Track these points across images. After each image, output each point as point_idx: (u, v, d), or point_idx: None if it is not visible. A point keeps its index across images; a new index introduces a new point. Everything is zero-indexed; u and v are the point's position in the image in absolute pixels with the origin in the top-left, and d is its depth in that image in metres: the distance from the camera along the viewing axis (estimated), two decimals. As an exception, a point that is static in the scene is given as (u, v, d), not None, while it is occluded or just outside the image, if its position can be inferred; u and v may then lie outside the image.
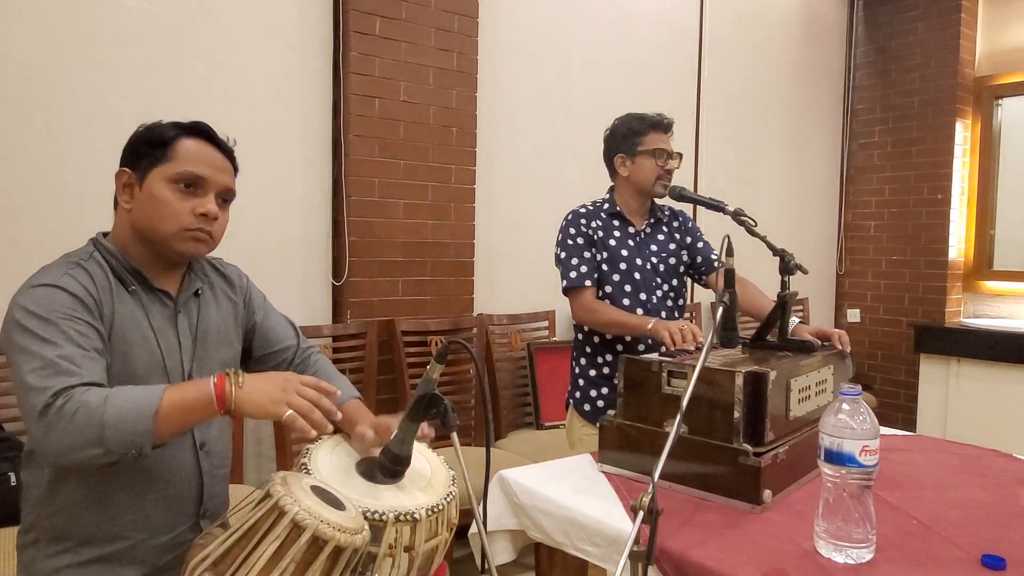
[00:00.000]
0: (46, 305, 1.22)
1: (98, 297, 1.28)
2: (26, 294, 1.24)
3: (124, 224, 1.36)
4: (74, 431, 1.13)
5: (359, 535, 1.12)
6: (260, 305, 1.59)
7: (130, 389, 1.20)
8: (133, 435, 1.15)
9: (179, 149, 1.32)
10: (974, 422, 4.31)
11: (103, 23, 2.54)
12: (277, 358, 1.59)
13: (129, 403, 1.16)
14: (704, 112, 4.40)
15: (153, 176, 1.32)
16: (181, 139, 1.33)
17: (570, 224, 2.30)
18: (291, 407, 1.17)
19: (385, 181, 3.11)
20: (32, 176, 2.44)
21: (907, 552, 1.30)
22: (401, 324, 3.14)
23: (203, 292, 1.46)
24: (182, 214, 1.32)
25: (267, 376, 1.24)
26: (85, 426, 1.13)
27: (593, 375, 2.33)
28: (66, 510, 1.30)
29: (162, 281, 1.39)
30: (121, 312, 1.31)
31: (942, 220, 4.80)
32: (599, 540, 1.48)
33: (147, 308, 1.35)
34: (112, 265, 1.34)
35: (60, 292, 1.24)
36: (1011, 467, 1.82)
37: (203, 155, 1.34)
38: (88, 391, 1.16)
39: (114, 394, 1.17)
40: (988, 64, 4.78)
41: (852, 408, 1.28)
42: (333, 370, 1.63)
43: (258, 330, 1.57)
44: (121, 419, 1.14)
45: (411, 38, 3.13)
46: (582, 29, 3.84)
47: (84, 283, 1.27)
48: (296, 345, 1.61)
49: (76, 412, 1.13)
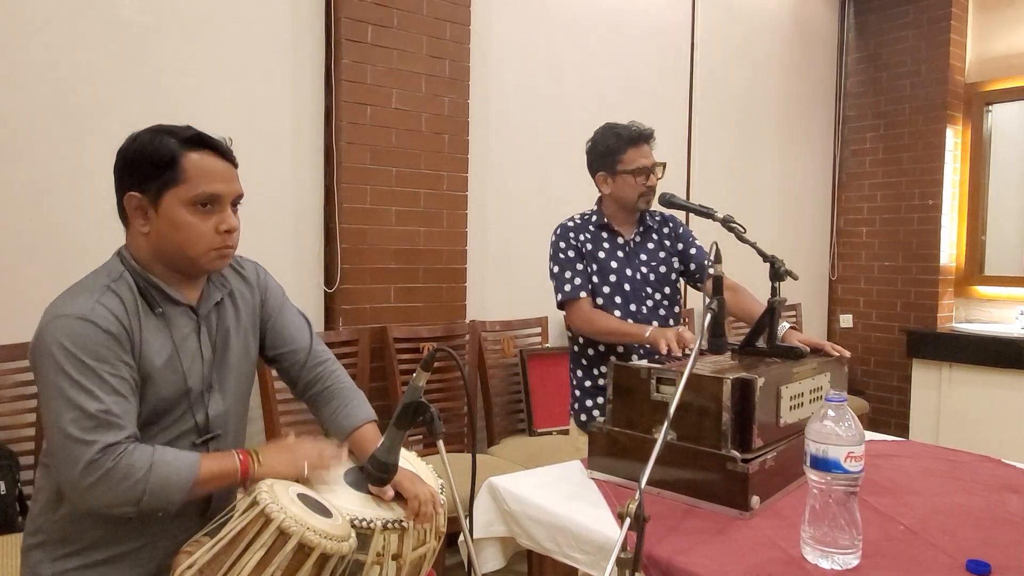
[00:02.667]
0: (83, 344, 1.23)
1: (129, 326, 1.29)
2: (61, 326, 1.24)
3: (142, 245, 1.35)
4: (118, 492, 1.21)
5: (345, 543, 1.13)
6: (276, 300, 1.59)
7: (171, 456, 1.28)
8: (168, 503, 1.25)
9: (188, 168, 1.31)
10: (967, 427, 4.33)
11: (96, 33, 2.54)
12: (288, 359, 1.58)
13: (171, 473, 1.25)
14: (696, 119, 4.42)
15: (169, 200, 1.31)
16: (186, 155, 1.31)
17: (559, 238, 2.30)
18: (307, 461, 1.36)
19: (377, 188, 3.11)
20: (28, 184, 2.43)
21: (893, 558, 1.31)
22: (393, 331, 3.15)
23: (223, 300, 1.47)
24: (207, 235, 1.33)
25: (279, 449, 1.39)
26: (129, 490, 1.22)
27: (588, 385, 2.33)
28: (72, 516, 1.32)
29: (184, 294, 1.39)
30: (148, 339, 1.32)
31: (933, 226, 4.82)
32: (588, 547, 1.48)
33: (171, 324, 1.36)
34: (139, 285, 1.34)
35: (95, 329, 1.24)
36: (999, 472, 1.83)
37: (213, 170, 1.33)
38: (135, 452, 1.23)
39: (158, 460, 1.24)
40: (978, 71, 4.81)
41: (837, 415, 1.28)
42: (351, 385, 1.61)
43: (271, 326, 1.57)
44: (162, 488, 1.23)
45: (403, 46, 3.14)
46: (574, 36, 3.85)
47: (116, 312, 1.28)
48: (308, 348, 1.60)
49: (124, 477, 1.21)
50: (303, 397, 1.61)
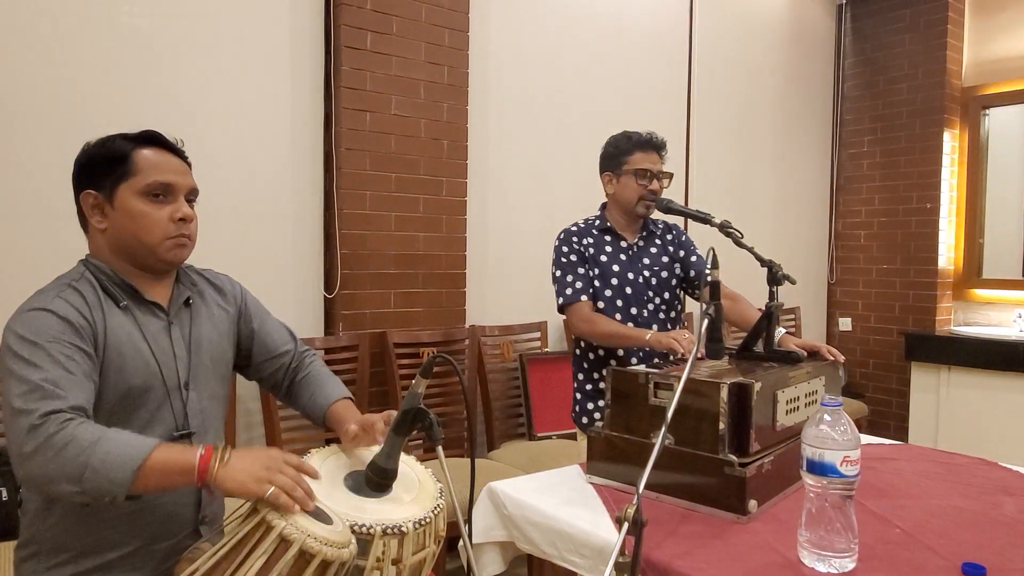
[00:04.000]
0: (35, 329, 1.24)
1: (90, 317, 1.30)
2: (18, 319, 1.26)
3: (101, 244, 1.39)
4: (58, 462, 1.14)
5: (346, 549, 1.14)
6: (256, 312, 1.61)
7: (124, 435, 1.20)
8: (110, 483, 1.15)
9: (140, 162, 1.36)
10: (966, 430, 4.33)
11: (97, 42, 2.56)
12: (275, 364, 1.61)
13: (118, 450, 1.16)
14: (694, 124, 4.44)
15: (122, 192, 1.35)
16: (138, 151, 1.37)
17: (562, 243, 2.33)
18: (274, 484, 1.15)
19: (377, 194, 3.13)
20: (26, 192, 2.45)
21: (889, 561, 1.32)
22: (393, 336, 3.16)
23: (194, 301, 1.48)
24: (162, 223, 1.36)
25: (253, 454, 1.22)
26: (69, 461, 1.14)
27: (590, 389, 2.35)
28: (62, 523, 1.31)
29: (152, 293, 1.41)
30: (113, 327, 1.33)
31: (931, 229, 4.83)
32: (586, 551, 1.49)
33: (140, 321, 1.37)
34: (102, 282, 1.36)
35: (50, 316, 1.26)
36: (994, 475, 1.84)
37: (163, 162, 1.38)
38: (82, 425, 1.17)
39: (106, 436, 1.17)
40: (975, 74, 4.83)
41: (833, 419, 1.29)
42: (326, 371, 1.66)
43: (256, 337, 1.59)
44: (104, 465, 1.14)
45: (402, 52, 3.16)
46: (572, 43, 3.87)
47: (75, 304, 1.29)
48: (294, 350, 1.64)
49: (66, 445, 1.15)
50: (287, 394, 1.64)
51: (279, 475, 1.18)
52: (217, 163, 2.80)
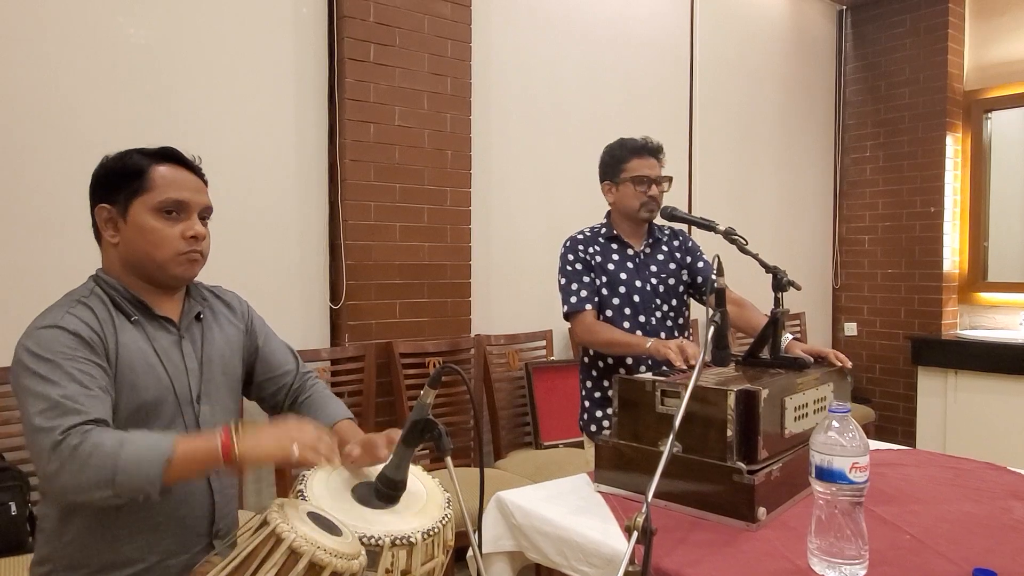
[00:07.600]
0: (48, 346, 1.25)
1: (101, 332, 1.31)
2: (30, 337, 1.27)
3: (113, 258, 1.40)
4: (87, 471, 1.16)
5: (356, 560, 1.14)
6: (261, 330, 1.62)
7: (144, 435, 1.23)
8: (144, 482, 1.18)
9: (155, 178, 1.36)
10: (973, 433, 4.32)
11: (100, 54, 2.57)
12: (278, 383, 1.62)
13: (143, 449, 1.19)
14: (696, 131, 4.45)
15: (136, 208, 1.35)
16: (154, 167, 1.37)
17: (568, 251, 2.33)
18: (297, 443, 1.22)
19: (381, 205, 3.14)
20: (26, 205, 2.46)
21: (899, 567, 1.32)
22: (399, 346, 3.16)
23: (204, 316, 1.49)
24: (173, 240, 1.36)
25: (268, 426, 1.28)
26: (99, 468, 1.16)
27: (598, 396, 2.34)
28: (79, 540, 1.32)
29: (163, 308, 1.42)
30: (125, 342, 1.33)
31: (936, 233, 4.83)
32: (596, 560, 1.48)
33: (151, 336, 1.38)
34: (113, 297, 1.37)
35: (62, 332, 1.26)
36: (1004, 480, 1.83)
37: (179, 179, 1.39)
38: (103, 432, 1.19)
39: (129, 439, 1.20)
40: (977, 78, 4.84)
41: (842, 425, 1.29)
42: (328, 393, 1.66)
43: (260, 355, 1.60)
44: (134, 464, 1.17)
45: (405, 64, 3.17)
46: (574, 51, 3.88)
47: (86, 320, 1.30)
48: (296, 370, 1.64)
49: (91, 454, 1.16)
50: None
51: (301, 435, 1.24)
52: (222, 176, 2.79)
